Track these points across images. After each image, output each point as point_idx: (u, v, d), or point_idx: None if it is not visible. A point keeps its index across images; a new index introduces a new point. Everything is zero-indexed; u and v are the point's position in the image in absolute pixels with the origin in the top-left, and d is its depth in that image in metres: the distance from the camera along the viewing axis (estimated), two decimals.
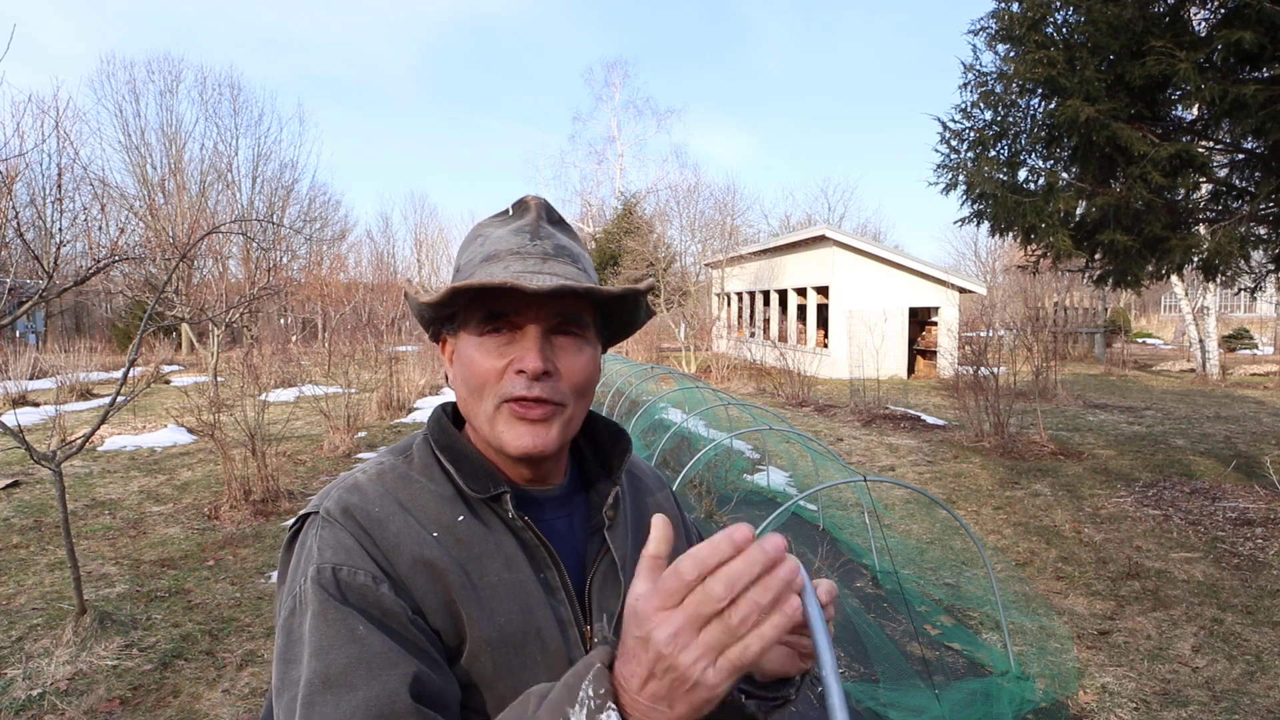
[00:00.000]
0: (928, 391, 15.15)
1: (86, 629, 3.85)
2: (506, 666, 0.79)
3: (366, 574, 0.76)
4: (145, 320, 4.39)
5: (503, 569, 0.82)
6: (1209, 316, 17.23)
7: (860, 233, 33.56)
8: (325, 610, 0.73)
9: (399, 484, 0.84)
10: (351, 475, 0.86)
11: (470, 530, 0.82)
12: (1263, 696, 3.41)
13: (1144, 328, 35.34)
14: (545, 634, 0.81)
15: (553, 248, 0.86)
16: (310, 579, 0.76)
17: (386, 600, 0.75)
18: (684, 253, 27.22)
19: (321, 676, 0.70)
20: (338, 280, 23.93)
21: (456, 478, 0.84)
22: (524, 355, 0.81)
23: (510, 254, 0.85)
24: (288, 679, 0.72)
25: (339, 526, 0.79)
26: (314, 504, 0.83)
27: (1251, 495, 6.47)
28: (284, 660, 0.74)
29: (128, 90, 32.03)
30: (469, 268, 0.87)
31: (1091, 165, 5.82)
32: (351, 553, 0.77)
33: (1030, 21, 5.64)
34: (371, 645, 0.71)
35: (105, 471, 8.00)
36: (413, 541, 0.79)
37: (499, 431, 0.83)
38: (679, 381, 11.12)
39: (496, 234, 0.88)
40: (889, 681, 3.55)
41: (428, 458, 0.88)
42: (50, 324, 28.24)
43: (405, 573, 0.77)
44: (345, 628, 0.72)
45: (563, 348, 0.84)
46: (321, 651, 0.71)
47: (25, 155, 4.76)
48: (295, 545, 0.82)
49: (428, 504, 0.83)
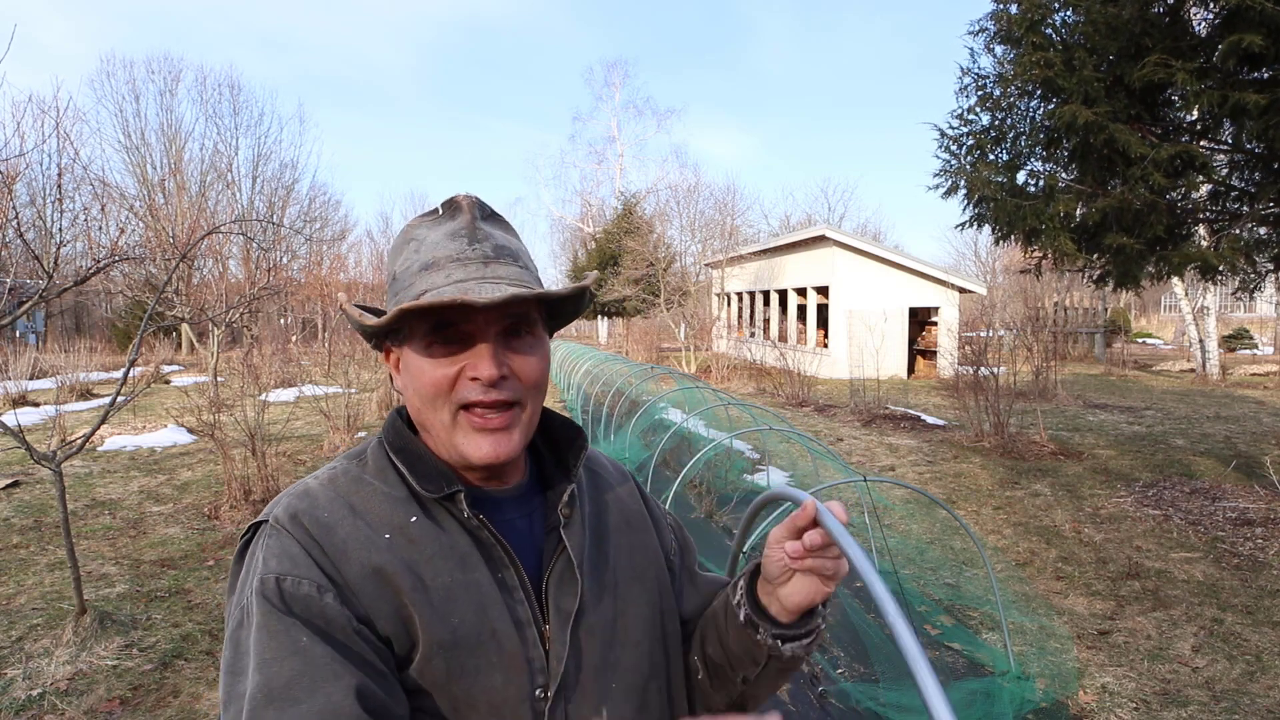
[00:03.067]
0: (928, 391, 15.15)
1: (86, 629, 3.85)
2: (460, 669, 0.78)
3: (311, 583, 0.75)
4: (145, 320, 4.38)
5: (456, 569, 0.81)
6: (1209, 316, 17.23)
7: (860, 233, 33.56)
8: (268, 622, 0.73)
9: (351, 487, 0.84)
10: (304, 481, 0.86)
11: (423, 531, 0.81)
12: (1263, 696, 3.41)
13: (1144, 328, 35.34)
14: (501, 635, 0.80)
15: (492, 249, 0.84)
16: (255, 590, 0.75)
17: (331, 610, 0.74)
18: (684, 253, 27.22)
19: (264, 690, 0.69)
20: (338, 280, 23.93)
21: (410, 479, 0.83)
22: (477, 363, 0.80)
23: (450, 261, 0.82)
24: (234, 692, 0.72)
25: (286, 534, 0.78)
26: (265, 512, 0.83)
27: (1251, 495, 6.47)
28: (230, 673, 0.73)
29: (128, 90, 32.06)
30: (406, 276, 0.85)
31: (1091, 167, 5.82)
32: (297, 561, 0.76)
33: (1029, 23, 5.63)
34: (315, 657, 0.71)
35: (105, 471, 8.00)
36: (361, 547, 0.78)
37: (459, 442, 0.82)
38: (679, 381, 11.12)
39: (431, 238, 0.85)
40: (889, 681, 3.55)
41: (382, 460, 0.87)
42: (50, 324, 28.24)
43: (353, 580, 0.77)
44: (289, 639, 0.71)
45: (514, 349, 0.83)
46: (265, 664, 0.71)
47: (25, 155, 4.75)
48: (245, 555, 0.81)
49: (380, 506, 0.82)
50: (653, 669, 0.91)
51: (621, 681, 0.87)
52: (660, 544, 1.01)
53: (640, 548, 0.97)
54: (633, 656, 0.89)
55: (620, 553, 0.94)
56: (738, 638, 0.89)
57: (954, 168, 6.49)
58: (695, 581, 1.04)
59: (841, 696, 3.43)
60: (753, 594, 0.88)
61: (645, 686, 0.89)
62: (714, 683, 0.95)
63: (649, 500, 1.06)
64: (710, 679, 0.95)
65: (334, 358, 18.49)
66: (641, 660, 0.90)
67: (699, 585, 1.04)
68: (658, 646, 0.92)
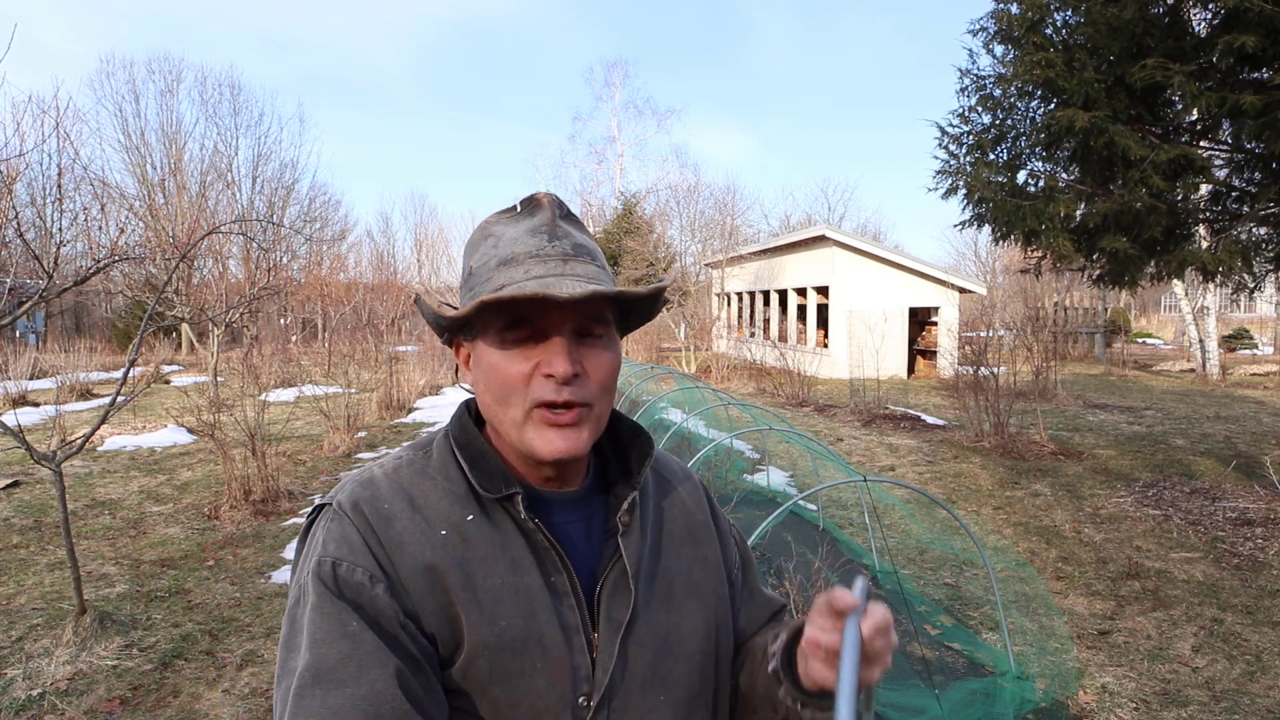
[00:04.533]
0: (928, 391, 15.15)
1: (86, 629, 3.85)
2: (504, 672, 0.78)
3: (364, 571, 0.76)
4: (145, 320, 4.38)
5: (507, 572, 0.81)
6: (1209, 316, 17.23)
7: (860, 233, 33.55)
8: (322, 603, 0.74)
9: (414, 479, 0.85)
10: (369, 469, 0.87)
11: (478, 530, 0.82)
12: (1263, 696, 3.41)
13: (1144, 328, 35.34)
14: (547, 639, 0.80)
15: (571, 247, 0.84)
16: (311, 571, 0.77)
17: (380, 600, 0.76)
18: (684, 253, 27.23)
19: (313, 670, 0.71)
20: (338, 280, 23.92)
21: (470, 476, 0.84)
22: (552, 359, 0.80)
23: (529, 256, 0.83)
24: (287, 667, 0.74)
25: (347, 520, 0.80)
26: (331, 494, 0.85)
27: (1251, 495, 6.47)
28: (286, 648, 0.76)
29: (128, 90, 32.03)
30: (484, 271, 0.85)
31: (1092, 168, 5.82)
32: (354, 548, 0.78)
33: (1029, 23, 5.63)
34: (363, 643, 0.72)
35: (105, 471, 8.00)
36: (417, 542, 0.79)
37: (529, 438, 0.82)
38: (679, 381, 11.12)
39: (510, 234, 0.86)
40: (889, 682, 3.55)
41: (446, 455, 0.87)
42: (50, 324, 28.24)
43: (405, 574, 0.78)
44: (339, 623, 0.73)
45: (589, 348, 0.83)
46: (315, 644, 0.72)
47: (25, 155, 4.76)
48: (308, 535, 0.83)
49: (439, 502, 0.83)
50: (703, 685, 0.90)
51: (671, 695, 0.86)
52: (724, 557, 1.00)
53: (701, 560, 0.95)
54: (683, 671, 0.88)
55: (680, 564, 0.93)
56: (765, 683, 0.88)
57: (954, 167, 6.49)
58: (755, 599, 1.03)
59: None
60: (791, 648, 0.84)
61: (693, 701, 0.88)
62: (744, 712, 0.95)
63: (716, 510, 1.04)
64: (741, 705, 0.95)
65: (334, 358, 18.49)
66: (692, 675, 0.89)
67: (758, 603, 1.03)
68: (709, 663, 0.91)
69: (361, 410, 11.25)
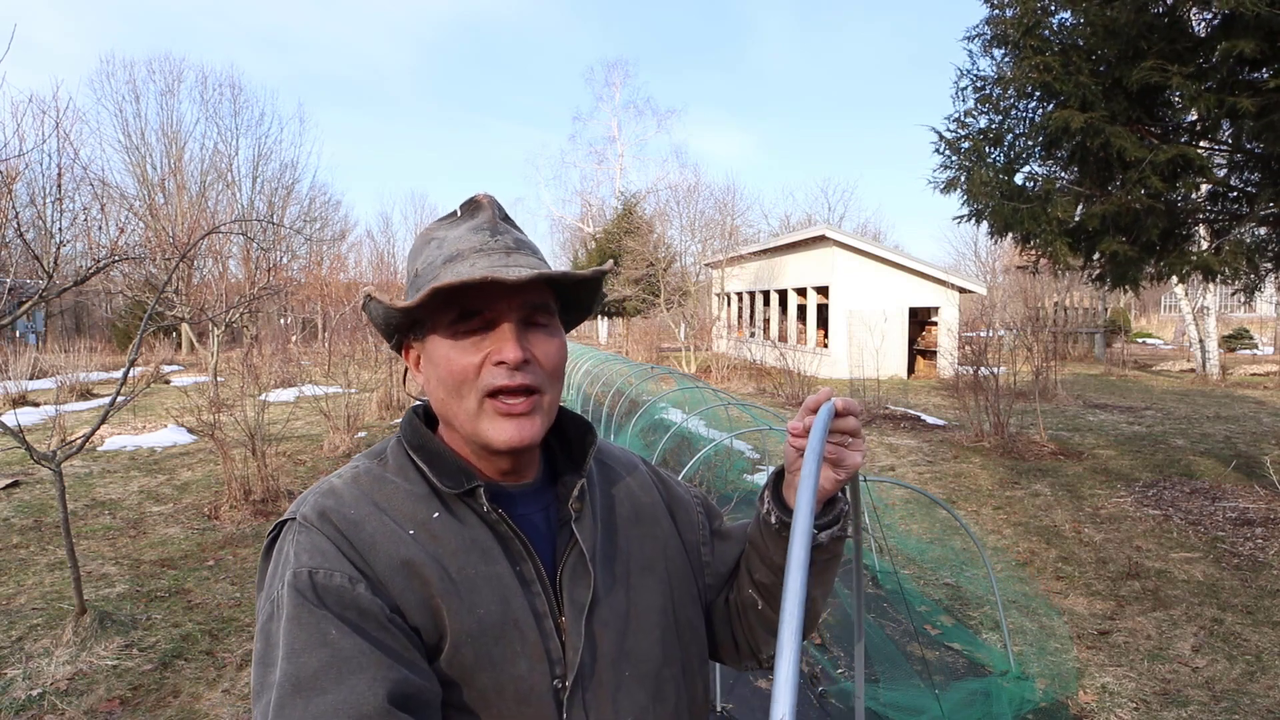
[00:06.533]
0: (928, 391, 15.15)
1: (86, 629, 3.86)
2: (488, 657, 0.80)
3: (343, 575, 0.76)
4: (145, 320, 4.39)
5: (479, 561, 0.83)
6: (1209, 316, 17.23)
7: (860, 233, 33.55)
8: (299, 614, 0.74)
9: (374, 486, 0.86)
10: (327, 480, 0.88)
11: (445, 526, 0.83)
12: (1263, 696, 3.41)
13: (1144, 328, 35.34)
14: (523, 624, 0.82)
15: (513, 241, 0.88)
16: (287, 583, 0.76)
17: (364, 600, 0.76)
18: (684, 253, 27.21)
19: (292, 680, 0.70)
20: (338, 280, 23.92)
21: (430, 475, 0.86)
22: (503, 347, 0.83)
23: (474, 252, 0.85)
24: (265, 683, 0.73)
25: (315, 531, 0.80)
26: (291, 510, 0.85)
27: (1251, 495, 6.47)
28: (261, 664, 0.75)
29: (128, 90, 32.09)
30: (430, 270, 0.87)
31: (1090, 169, 5.81)
32: (328, 555, 0.78)
33: (1026, 26, 5.63)
34: (343, 648, 0.72)
35: (105, 471, 8.00)
36: (389, 541, 0.80)
37: (484, 428, 0.84)
38: (679, 381, 11.12)
39: (453, 235, 0.88)
40: (889, 681, 3.55)
41: (401, 458, 0.89)
42: (50, 324, 28.24)
43: (382, 572, 0.78)
44: (318, 631, 0.73)
45: (536, 335, 0.86)
46: (293, 655, 0.72)
47: (25, 155, 4.76)
48: (273, 551, 0.83)
49: (403, 503, 0.84)
50: (666, 657, 0.93)
51: (636, 670, 0.89)
52: (687, 525, 1.05)
53: (650, 538, 0.99)
54: (646, 645, 0.91)
55: (631, 544, 0.97)
56: (776, 546, 0.94)
57: (953, 164, 6.49)
58: (724, 535, 1.09)
59: (842, 696, 3.43)
60: (779, 498, 0.94)
61: (659, 674, 0.92)
62: (772, 605, 0.98)
63: (668, 482, 1.09)
64: (769, 604, 0.98)
65: (334, 358, 18.49)
66: (655, 649, 0.92)
67: (727, 535, 1.09)
68: (671, 634, 0.95)
69: (361, 410, 11.25)
